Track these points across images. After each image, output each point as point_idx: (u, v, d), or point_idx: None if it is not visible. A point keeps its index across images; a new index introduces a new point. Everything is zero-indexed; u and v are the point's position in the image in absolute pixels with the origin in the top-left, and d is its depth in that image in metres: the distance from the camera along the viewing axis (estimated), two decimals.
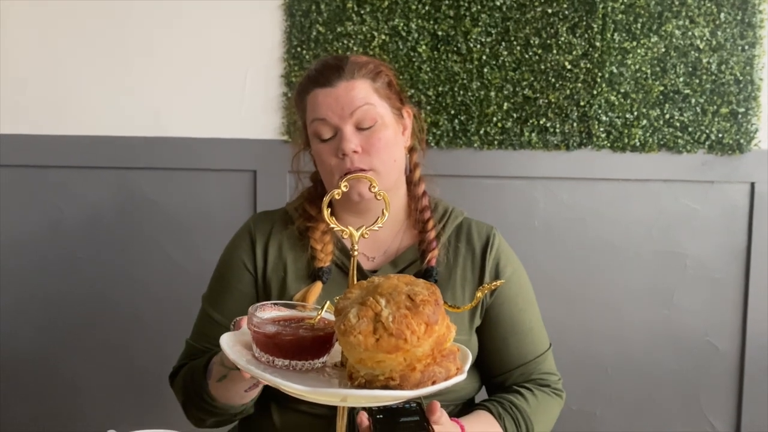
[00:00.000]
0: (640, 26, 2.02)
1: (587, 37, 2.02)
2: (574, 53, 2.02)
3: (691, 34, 2.02)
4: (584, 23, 2.01)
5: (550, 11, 2.01)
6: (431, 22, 2.02)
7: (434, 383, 0.86)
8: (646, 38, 2.02)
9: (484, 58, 2.02)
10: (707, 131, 2.04)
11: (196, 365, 1.30)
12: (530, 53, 2.02)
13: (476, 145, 2.05)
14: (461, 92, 2.03)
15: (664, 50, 2.03)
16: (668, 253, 2.11)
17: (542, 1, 2.01)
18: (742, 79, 2.03)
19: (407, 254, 1.36)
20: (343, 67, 1.28)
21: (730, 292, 2.11)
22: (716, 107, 2.04)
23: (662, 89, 2.03)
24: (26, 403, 2.13)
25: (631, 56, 2.02)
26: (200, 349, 1.36)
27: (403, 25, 2.01)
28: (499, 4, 2.01)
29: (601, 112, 2.04)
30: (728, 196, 2.09)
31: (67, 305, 2.10)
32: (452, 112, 2.04)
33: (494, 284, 1.00)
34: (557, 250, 2.10)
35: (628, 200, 2.09)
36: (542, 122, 2.04)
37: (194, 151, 2.05)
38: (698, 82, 2.03)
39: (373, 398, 0.90)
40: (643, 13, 2.01)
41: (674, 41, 2.02)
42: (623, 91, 2.03)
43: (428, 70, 2.03)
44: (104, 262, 2.09)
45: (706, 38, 2.02)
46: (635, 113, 2.04)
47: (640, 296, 2.12)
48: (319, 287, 1.29)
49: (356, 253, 0.97)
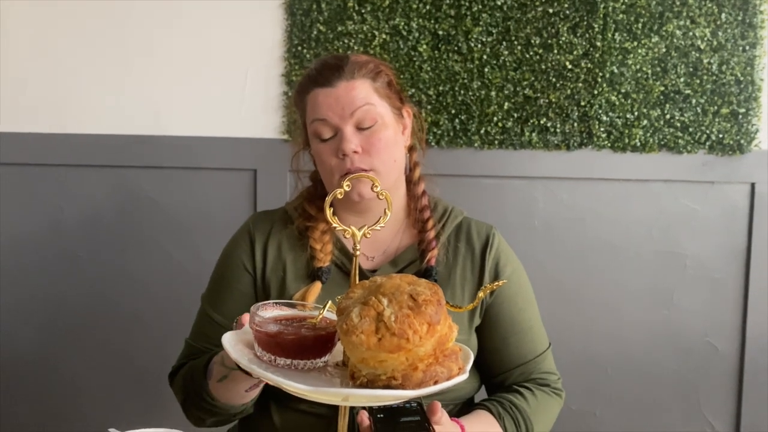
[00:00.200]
0: (641, 26, 2.01)
1: (588, 37, 2.02)
2: (574, 53, 2.02)
3: (691, 34, 2.02)
4: (585, 23, 2.01)
5: (551, 11, 2.01)
6: (432, 21, 2.01)
7: (436, 383, 0.86)
8: (646, 38, 2.02)
9: (484, 57, 2.02)
10: (708, 131, 2.04)
11: (196, 365, 1.29)
12: (531, 53, 2.02)
13: (477, 144, 2.05)
14: (462, 92, 2.03)
15: (664, 50, 2.02)
16: (668, 253, 2.11)
17: (543, 0, 2.01)
18: (742, 79, 2.03)
19: (407, 254, 1.35)
20: (343, 66, 1.28)
21: (730, 292, 2.11)
22: (717, 108, 2.04)
23: (663, 89, 2.03)
24: (26, 403, 2.13)
25: (631, 56, 2.02)
26: (199, 348, 1.36)
27: (403, 24, 2.01)
28: (500, 3, 2.01)
29: (601, 112, 2.04)
30: (728, 196, 2.09)
31: (67, 305, 2.10)
32: (453, 111, 2.04)
33: (496, 284, 0.99)
34: (557, 250, 2.10)
35: (628, 200, 2.09)
36: (543, 122, 2.04)
37: (194, 150, 2.05)
38: (699, 82, 2.03)
39: (375, 398, 0.90)
40: (644, 13, 2.01)
41: (675, 41, 2.02)
42: (624, 91, 2.03)
43: (429, 69, 2.02)
44: (104, 261, 2.09)
45: (706, 38, 2.02)
46: (636, 113, 2.04)
47: (640, 296, 2.12)
48: (318, 287, 1.28)
49: (359, 252, 0.97)
